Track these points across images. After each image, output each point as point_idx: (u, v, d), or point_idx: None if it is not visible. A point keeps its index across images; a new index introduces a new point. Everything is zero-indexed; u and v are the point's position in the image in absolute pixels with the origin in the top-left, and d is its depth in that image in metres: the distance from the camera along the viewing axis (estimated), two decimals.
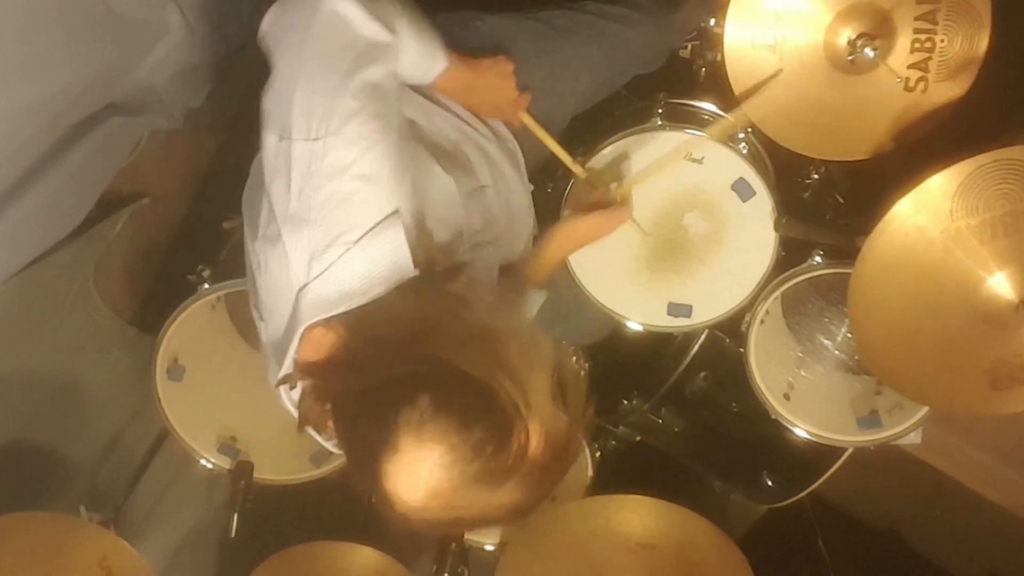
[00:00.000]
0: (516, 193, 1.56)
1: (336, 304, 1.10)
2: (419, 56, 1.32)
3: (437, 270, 1.20)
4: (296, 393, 1.17)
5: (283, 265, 1.13)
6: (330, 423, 1.13)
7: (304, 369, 1.14)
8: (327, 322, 1.11)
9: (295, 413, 1.18)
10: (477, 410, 1.01)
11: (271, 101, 1.18)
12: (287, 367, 1.14)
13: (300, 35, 1.18)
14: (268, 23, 1.22)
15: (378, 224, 1.12)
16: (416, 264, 1.13)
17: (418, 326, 1.06)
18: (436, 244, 1.23)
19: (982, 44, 1.55)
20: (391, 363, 1.04)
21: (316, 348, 1.12)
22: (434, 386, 1.02)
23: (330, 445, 1.22)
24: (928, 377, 1.60)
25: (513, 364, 1.04)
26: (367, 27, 1.20)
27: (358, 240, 1.11)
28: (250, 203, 1.30)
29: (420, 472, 1.01)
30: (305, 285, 1.11)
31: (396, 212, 1.13)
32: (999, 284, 1.48)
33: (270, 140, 1.15)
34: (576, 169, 1.66)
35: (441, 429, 1.00)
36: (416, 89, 1.39)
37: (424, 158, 1.28)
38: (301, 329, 1.11)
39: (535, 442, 1.04)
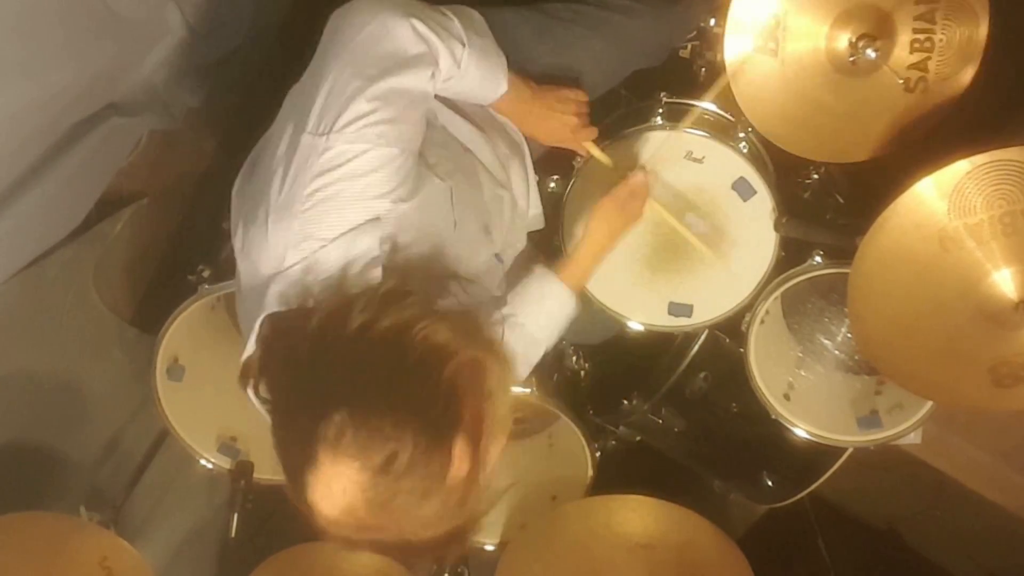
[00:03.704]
0: (520, 192, 1.56)
1: (298, 298, 1.10)
2: (481, 78, 1.36)
3: (411, 284, 1.16)
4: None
5: (260, 251, 1.14)
6: None
7: (261, 361, 1.13)
8: (285, 315, 1.11)
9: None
10: (398, 429, 0.99)
11: (297, 94, 1.21)
12: (249, 350, 1.14)
13: (346, 41, 1.20)
14: (330, 27, 1.25)
15: (356, 227, 1.13)
16: (390, 273, 1.13)
17: (367, 334, 1.03)
18: (421, 255, 1.22)
19: (981, 42, 1.55)
20: (324, 370, 1.03)
21: (271, 341, 1.12)
22: (356, 401, 1.00)
23: None
24: (930, 372, 1.61)
25: (459, 385, 1.02)
26: (413, 44, 1.22)
27: (334, 239, 1.12)
28: (244, 188, 1.30)
29: (335, 488, 1.00)
30: (276, 274, 1.12)
31: (377, 219, 1.14)
32: (999, 283, 1.48)
33: (286, 130, 1.17)
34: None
35: (358, 446, 0.98)
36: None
37: (424, 168, 1.28)
38: (262, 316, 1.12)
39: (459, 466, 1.02)
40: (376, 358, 1.02)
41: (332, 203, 1.12)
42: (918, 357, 1.59)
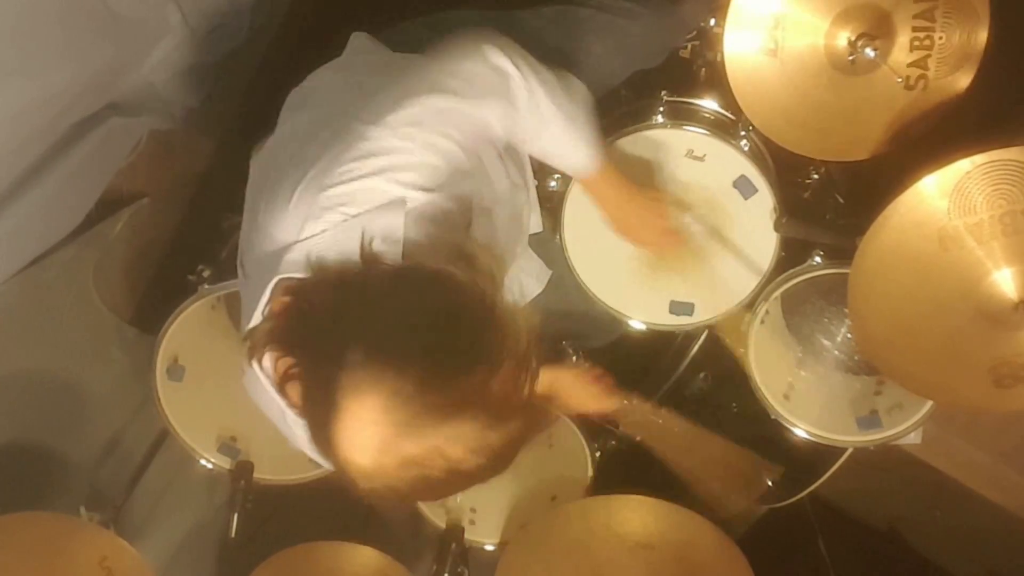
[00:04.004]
0: (518, 193, 1.56)
1: (312, 267, 1.09)
2: (568, 144, 1.39)
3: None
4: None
5: (279, 220, 1.13)
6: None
7: (272, 332, 1.09)
8: (301, 282, 1.09)
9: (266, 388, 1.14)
10: (416, 349, 0.96)
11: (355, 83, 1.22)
12: (257, 318, 1.11)
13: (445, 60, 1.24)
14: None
15: (381, 205, 1.12)
16: (407, 257, 1.12)
17: (384, 284, 1.03)
18: (440, 244, 1.21)
19: (981, 40, 1.56)
20: (339, 320, 1.00)
21: (285, 308, 1.09)
22: (367, 335, 0.97)
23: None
24: (930, 372, 1.61)
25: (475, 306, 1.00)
26: (497, 77, 1.26)
27: (357, 215, 1.11)
28: (269, 158, 1.29)
29: (366, 426, 0.95)
30: (293, 243, 1.11)
31: (403, 200, 1.13)
32: (999, 283, 1.48)
33: (334, 112, 1.19)
34: None
35: (375, 375, 0.95)
36: None
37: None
38: (275, 280, 1.10)
39: (497, 377, 0.98)
40: (392, 299, 1.01)
41: (360, 183, 1.12)
42: (918, 357, 1.59)
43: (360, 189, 1.12)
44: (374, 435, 0.96)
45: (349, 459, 0.97)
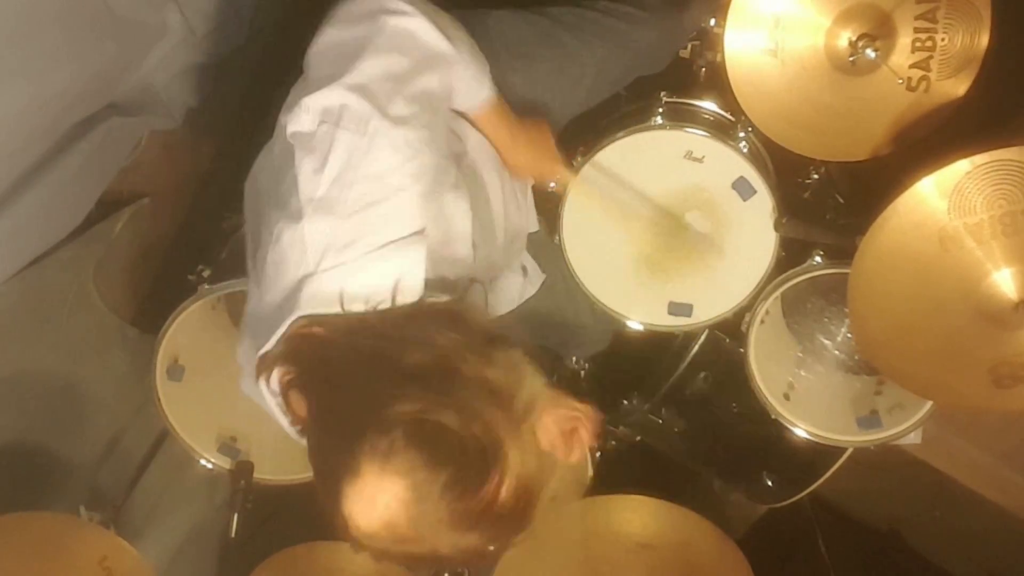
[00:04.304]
0: (515, 201, 1.56)
1: (335, 303, 1.08)
2: (471, 77, 1.32)
3: (443, 298, 1.17)
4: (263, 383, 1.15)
5: (296, 247, 1.10)
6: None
7: (287, 357, 1.11)
8: (322, 318, 1.09)
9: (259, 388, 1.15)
10: (450, 452, 0.98)
11: (315, 84, 1.16)
12: (270, 346, 1.11)
13: (357, 45, 1.17)
14: (321, 43, 1.21)
15: (404, 238, 1.10)
16: (428, 288, 1.11)
17: (409, 352, 1.03)
18: (449, 266, 1.21)
19: (983, 41, 1.55)
20: (372, 382, 1.02)
21: (303, 339, 1.10)
22: (409, 420, 0.98)
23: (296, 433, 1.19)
24: (930, 372, 1.61)
25: (498, 413, 1.01)
26: (430, 36, 1.20)
27: (380, 247, 1.09)
28: (267, 169, 1.27)
29: (378, 502, 0.98)
30: (311, 274, 1.09)
31: (423, 231, 1.12)
32: (999, 283, 1.48)
33: (304, 120, 1.14)
34: None
35: (408, 464, 0.97)
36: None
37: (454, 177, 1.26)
38: (294, 316, 1.09)
39: (506, 492, 1.00)
40: (433, 381, 1.01)
41: (379, 210, 1.10)
42: (918, 357, 1.59)
43: (379, 217, 1.10)
44: (384, 514, 0.98)
45: (350, 517, 1.00)
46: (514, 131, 1.45)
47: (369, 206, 1.10)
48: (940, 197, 1.42)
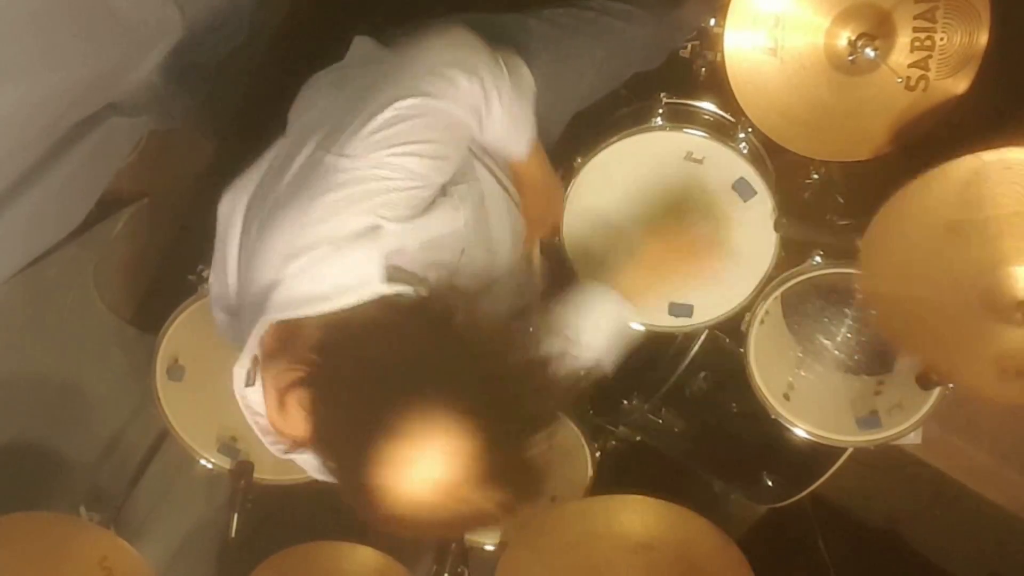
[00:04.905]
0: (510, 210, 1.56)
1: (302, 306, 1.09)
2: (510, 133, 1.33)
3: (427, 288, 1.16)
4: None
5: (262, 254, 1.13)
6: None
7: (272, 354, 1.14)
8: (296, 322, 1.10)
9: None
10: (489, 407, 1.00)
11: (335, 114, 1.18)
12: (250, 350, 1.15)
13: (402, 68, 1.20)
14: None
15: (357, 233, 1.11)
16: (396, 280, 1.11)
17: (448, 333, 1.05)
18: (432, 264, 1.21)
19: (982, 41, 1.55)
20: (396, 353, 1.03)
21: (280, 340, 1.12)
22: (442, 379, 1.00)
23: (276, 449, 1.22)
24: (936, 344, 1.60)
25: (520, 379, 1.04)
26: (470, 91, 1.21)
27: (335, 246, 1.10)
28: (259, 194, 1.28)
29: (423, 462, 0.98)
30: (277, 281, 1.11)
31: (379, 226, 1.12)
32: (1005, 280, 1.47)
33: (306, 143, 1.16)
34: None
35: (450, 418, 0.98)
36: None
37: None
38: (266, 323, 1.11)
39: (540, 447, 1.03)
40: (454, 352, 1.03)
41: (337, 217, 1.11)
42: (926, 327, 1.58)
43: (337, 222, 1.11)
44: (428, 473, 0.98)
45: (387, 486, 0.99)
46: (549, 182, 1.49)
47: (330, 216, 1.11)
48: (946, 190, 1.41)
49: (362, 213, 1.11)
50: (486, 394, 1.01)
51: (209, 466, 2.02)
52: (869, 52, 1.55)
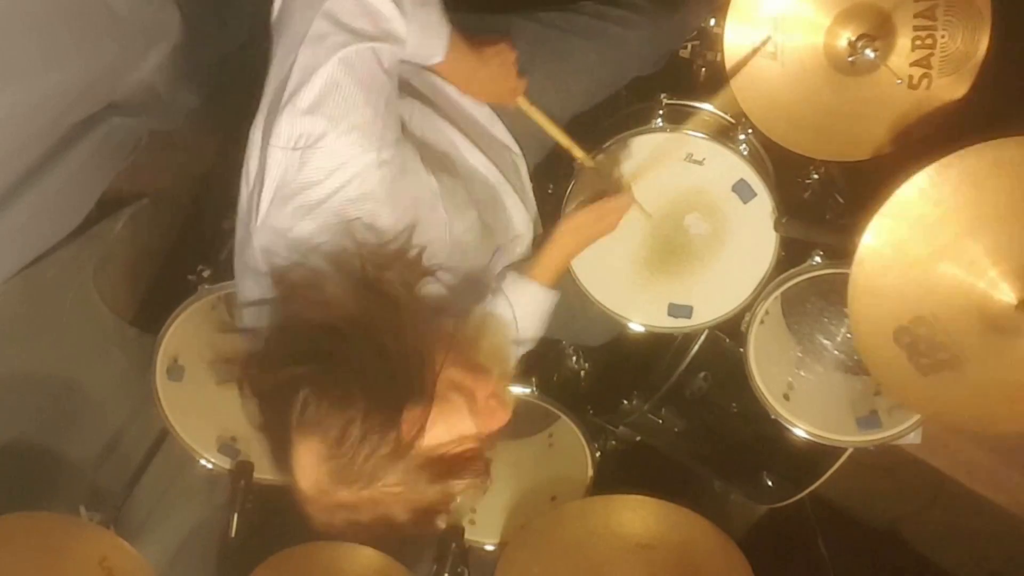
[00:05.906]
0: (513, 202, 1.55)
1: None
2: (424, 34, 1.29)
3: (390, 271, 1.18)
4: None
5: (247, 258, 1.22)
6: None
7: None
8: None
9: None
10: (351, 399, 1.02)
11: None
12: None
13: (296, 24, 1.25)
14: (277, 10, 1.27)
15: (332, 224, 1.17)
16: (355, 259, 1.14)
17: (331, 315, 1.08)
18: (400, 243, 1.22)
19: (984, 39, 1.55)
20: (291, 351, 1.08)
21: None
22: (317, 377, 1.04)
23: None
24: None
25: (413, 358, 1.06)
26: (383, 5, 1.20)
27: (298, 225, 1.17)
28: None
29: (304, 463, 1.06)
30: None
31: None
32: (995, 287, 1.46)
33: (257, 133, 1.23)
34: (579, 154, 1.63)
35: (318, 419, 1.03)
36: (421, 97, 1.38)
37: (409, 157, 1.27)
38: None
39: (410, 431, 1.04)
40: (336, 336, 1.06)
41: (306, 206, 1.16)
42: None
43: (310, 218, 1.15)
44: (311, 471, 1.06)
45: (295, 486, 1.09)
46: (473, 67, 1.42)
47: (302, 209, 1.18)
48: (930, 192, 1.40)
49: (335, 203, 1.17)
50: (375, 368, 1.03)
51: (209, 466, 2.02)
52: (869, 53, 1.55)
